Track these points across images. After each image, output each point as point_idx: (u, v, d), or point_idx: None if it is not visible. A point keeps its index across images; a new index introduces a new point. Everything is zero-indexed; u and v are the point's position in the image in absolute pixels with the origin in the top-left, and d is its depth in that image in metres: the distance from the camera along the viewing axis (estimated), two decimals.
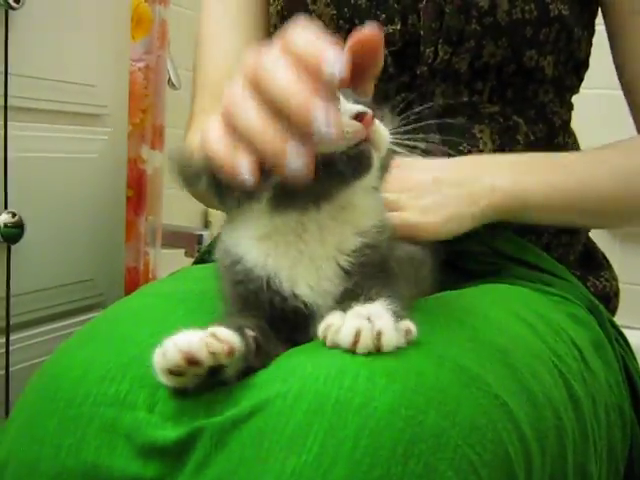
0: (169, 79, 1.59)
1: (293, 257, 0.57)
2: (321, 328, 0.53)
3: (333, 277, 0.57)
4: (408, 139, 0.57)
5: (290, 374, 0.52)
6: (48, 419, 0.55)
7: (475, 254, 0.81)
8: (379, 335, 0.51)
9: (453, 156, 0.81)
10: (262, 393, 0.52)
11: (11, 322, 0.92)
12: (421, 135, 0.58)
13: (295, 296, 0.57)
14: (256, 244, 0.58)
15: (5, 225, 0.90)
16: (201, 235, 1.49)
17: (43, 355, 0.95)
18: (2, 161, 0.90)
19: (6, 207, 0.91)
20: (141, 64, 1.29)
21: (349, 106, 0.54)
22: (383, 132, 0.55)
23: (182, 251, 1.47)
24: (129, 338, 0.60)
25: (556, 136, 0.90)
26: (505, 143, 0.85)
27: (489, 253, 0.82)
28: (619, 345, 0.84)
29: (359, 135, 0.53)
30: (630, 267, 1.72)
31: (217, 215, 1.80)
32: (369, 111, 0.53)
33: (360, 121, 0.53)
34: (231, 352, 0.51)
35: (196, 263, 0.96)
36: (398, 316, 0.52)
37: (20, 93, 0.93)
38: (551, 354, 0.67)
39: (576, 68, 0.91)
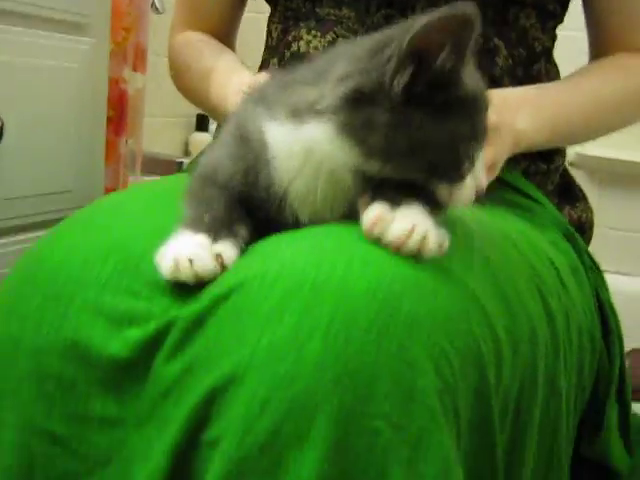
0: (153, 2, 1.56)
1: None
2: (368, 217, 0.53)
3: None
4: None
5: (268, 257, 0.53)
6: (31, 298, 0.56)
7: None
8: (424, 240, 0.52)
9: None
10: (240, 275, 0.52)
11: None
12: None
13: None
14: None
15: None
16: (181, 162, 1.48)
17: None
18: None
19: None
20: None
21: None
22: None
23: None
24: (109, 226, 0.61)
25: (536, 61, 0.89)
26: (484, 65, 0.84)
27: None
28: (593, 274, 0.85)
29: None
30: (607, 211, 1.74)
31: (198, 145, 1.77)
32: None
33: None
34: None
35: None
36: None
37: None
38: (530, 270, 0.68)
39: None
